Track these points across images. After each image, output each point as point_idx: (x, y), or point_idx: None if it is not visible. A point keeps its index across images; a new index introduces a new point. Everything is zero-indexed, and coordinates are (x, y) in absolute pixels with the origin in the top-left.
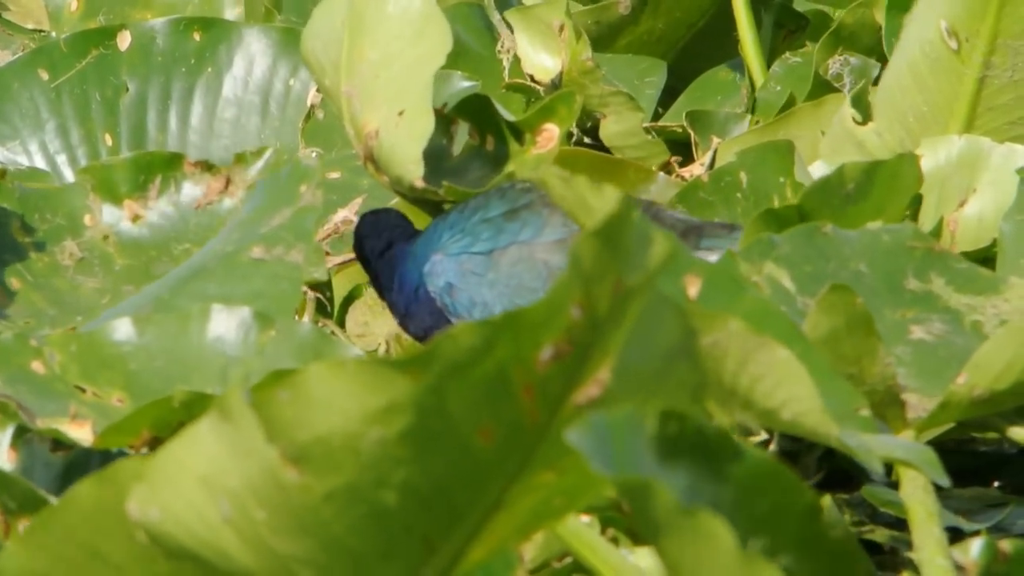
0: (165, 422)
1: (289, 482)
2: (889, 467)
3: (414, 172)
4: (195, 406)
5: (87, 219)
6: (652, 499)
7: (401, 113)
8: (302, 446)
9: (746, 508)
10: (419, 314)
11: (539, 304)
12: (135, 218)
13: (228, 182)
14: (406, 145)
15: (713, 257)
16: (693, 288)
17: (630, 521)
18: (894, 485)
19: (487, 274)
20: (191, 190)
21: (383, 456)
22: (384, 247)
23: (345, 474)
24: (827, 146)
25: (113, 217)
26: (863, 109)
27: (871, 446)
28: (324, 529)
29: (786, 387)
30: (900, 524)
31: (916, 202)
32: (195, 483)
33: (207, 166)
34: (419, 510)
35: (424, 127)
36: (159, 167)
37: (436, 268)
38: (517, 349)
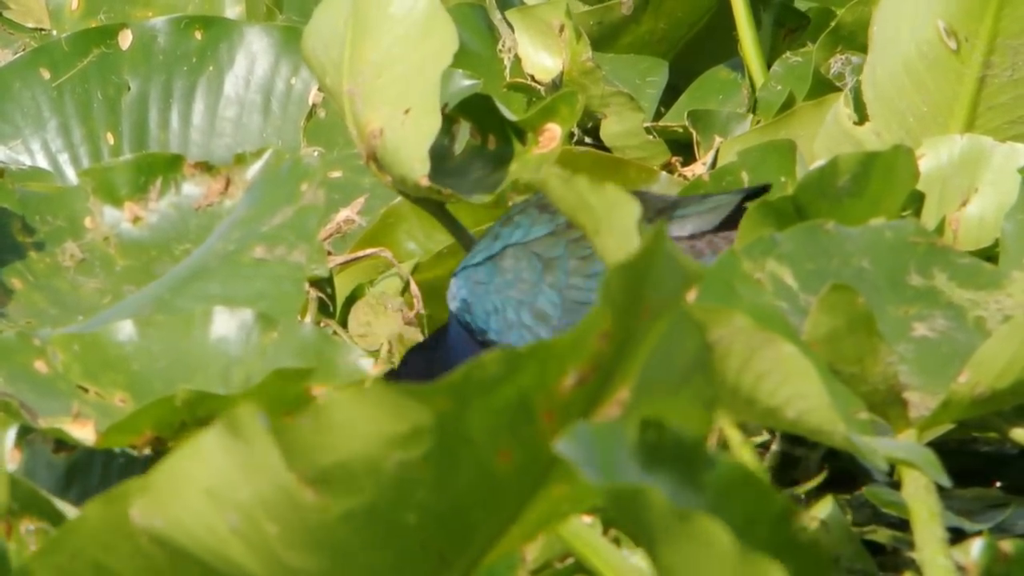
0: (167, 421)
1: (305, 502)
2: (891, 467)
3: (419, 171)
4: (197, 405)
5: (87, 222)
6: (645, 505)
7: (407, 112)
8: (322, 470)
9: (722, 515)
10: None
11: (567, 335)
12: (135, 220)
13: (228, 183)
14: (412, 144)
15: (687, 225)
16: (691, 293)
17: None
18: (896, 485)
19: (492, 280)
20: (191, 191)
21: (403, 479)
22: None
23: (364, 495)
24: (821, 144)
25: (114, 219)
26: (860, 108)
27: (874, 446)
28: (338, 545)
29: (791, 383)
30: (902, 524)
31: (917, 201)
32: (200, 494)
33: (207, 167)
34: (436, 528)
35: (431, 126)
36: (159, 169)
37: (451, 291)
38: (542, 377)
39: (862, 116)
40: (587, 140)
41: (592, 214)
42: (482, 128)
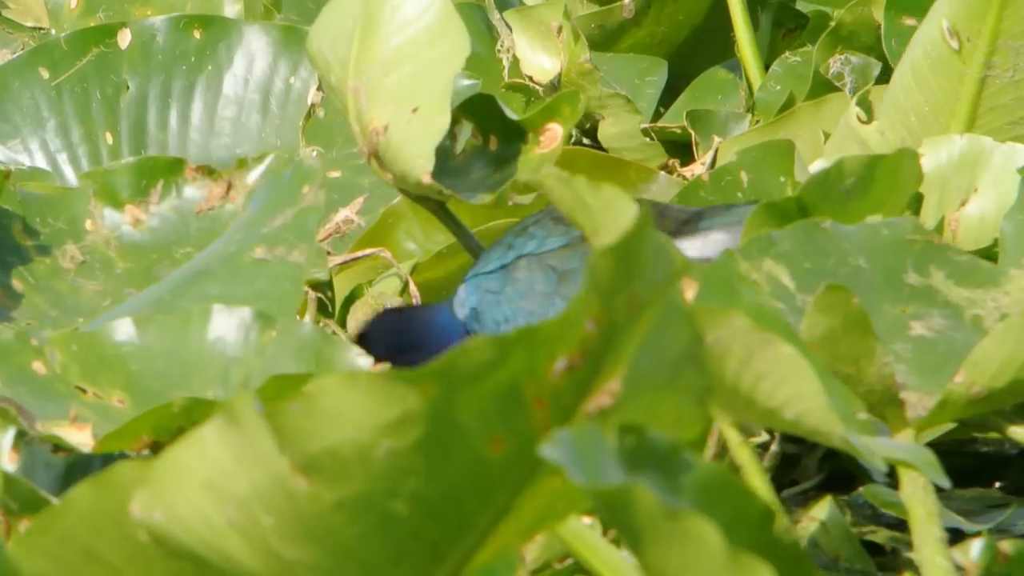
0: (165, 427)
1: (298, 491)
2: (891, 467)
3: (423, 167)
4: (195, 411)
5: (88, 224)
6: (633, 506)
7: (415, 111)
8: (313, 456)
9: None
10: None
11: (555, 319)
12: (136, 223)
13: (229, 187)
14: (418, 141)
15: (713, 235)
16: (690, 291)
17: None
18: (895, 486)
19: (504, 290)
20: (192, 195)
21: (394, 466)
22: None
23: (356, 484)
24: (832, 146)
25: (114, 222)
26: (866, 108)
27: (871, 448)
28: (332, 536)
29: (789, 384)
30: (901, 525)
31: (917, 201)
32: (199, 487)
33: (208, 171)
34: (428, 518)
35: (440, 124)
36: (161, 172)
37: (460, 297)
38: (531, 362)
39: (870, 116)
40: (585, 141)
41: (590, 214)
42: (483, 128)
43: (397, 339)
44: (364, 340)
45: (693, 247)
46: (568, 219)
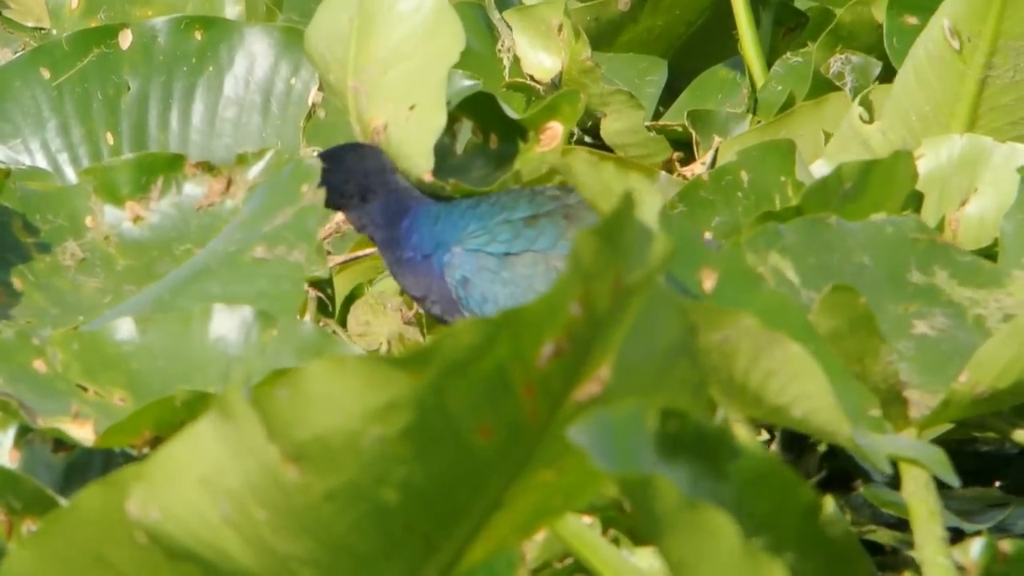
0: (167, 422)
1: (289, 481)
2: (892, 467)
3: (423, 166)
4: (197, 406)
5: (89, 220)
6: (655, 495)
7: (412, 108)
8: (302, 444)
9: (747, 507)
10: (423, 277)
11: (539, 301)
12: (136, 219)
13: (229, 183)
14: (416, 139)
15: None
16: (709, 281)
17: (632, 519)
18: (894, 485)
19: (501, 272)
20: (192, 191)
21: (383, 454)
22: (386, 185)
23: (345, 472)
24: (835, 145)
25: (115, 218)
26: (867, 108)
27: (880, 446)
28: (325, 528)
29: (798, 383)
30: (901, 524)
31: (917, 201)
32: (195, 483)
33: (208, 167)
34: (420, 508)
35: (436, 122)
36: (161, 168)
37: (454, 260)
38: (517, 347)
39: (871, 116)
40: (587, 139)
41: (614, 201)
42: (484, 126)
43: (359, 180)
44: (334, 158)
45: None
46: (591, 205)
